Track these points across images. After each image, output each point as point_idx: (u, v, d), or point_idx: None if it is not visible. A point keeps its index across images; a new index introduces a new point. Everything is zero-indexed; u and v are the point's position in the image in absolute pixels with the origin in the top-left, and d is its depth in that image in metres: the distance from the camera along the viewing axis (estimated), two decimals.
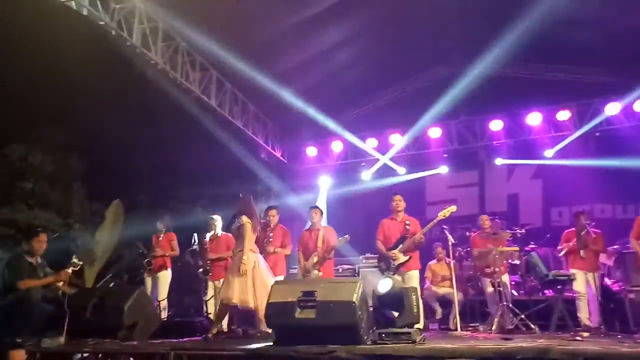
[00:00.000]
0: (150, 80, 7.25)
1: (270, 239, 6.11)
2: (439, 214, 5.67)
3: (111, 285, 7.36)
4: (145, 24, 6.48)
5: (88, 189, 9.58)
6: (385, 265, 5.57)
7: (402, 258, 5.53)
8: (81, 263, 5.37)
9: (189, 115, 8.23)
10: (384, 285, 3.93)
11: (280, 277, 5.86)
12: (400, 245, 5.59)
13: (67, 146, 9.30)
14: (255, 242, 5.96)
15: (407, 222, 5.73)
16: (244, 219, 5.08)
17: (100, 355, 4.40)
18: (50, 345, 4.31)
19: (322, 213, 6.25)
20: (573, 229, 6.17)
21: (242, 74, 7.90)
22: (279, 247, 6.14)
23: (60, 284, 5.04)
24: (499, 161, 9.45)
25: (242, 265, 4.83)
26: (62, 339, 4.44)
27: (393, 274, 5.18)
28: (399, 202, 5.90)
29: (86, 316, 4.65)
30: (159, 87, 7.40)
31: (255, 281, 4.86)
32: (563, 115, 8.82)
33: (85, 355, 4.56)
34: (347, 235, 5.94)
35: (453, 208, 5.69)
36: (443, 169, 9.80)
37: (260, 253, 5.84)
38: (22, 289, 4.67)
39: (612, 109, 8.37)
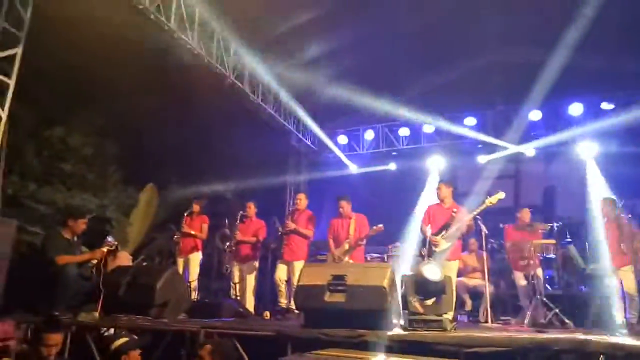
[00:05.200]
0: (186, 65, 7.33)
1: (292, 219, 6.27)
2: (486, 200, 5.50)
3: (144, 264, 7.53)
4: (183, 9, 6.55)
5: (123, 172, 9.77)
6: (427, 252, 5.48)
7: (444, 245, 5.40)
8: (116, 243, 5.49)
9: (222, 100, 8.29)
10: (433, 272, 3.87)
11: (301, 262, 5.91)
12: (444, 232, 5.48)
13: (104, 130, 9.50)
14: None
15: (455, 209, 5.60)
16: None
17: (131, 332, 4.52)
18: (86, 319, 4.45)
19: (349, 202, 6.20)
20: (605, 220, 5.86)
21: (276, 58, 7.92)
22: (303, 228, 6.17)
23: (95, 261, 5.18)
24: (530, 152, 9.14)
25: None
26: (96, 314, 4.58)
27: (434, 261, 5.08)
28: (439, 191, 5.84)
29: (119, 293, 4.76)
30: (194, 72, 7.48)
31: None
32: (606, 106, 8.44)
33: (118, 330, 4.70)
34: (380, 225, 5.89)
35: (501, 195, 5.51)
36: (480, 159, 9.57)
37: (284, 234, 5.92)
38: (59, 264, 4.81)
39: None
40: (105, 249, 5.15)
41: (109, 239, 5.31)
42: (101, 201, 9.05)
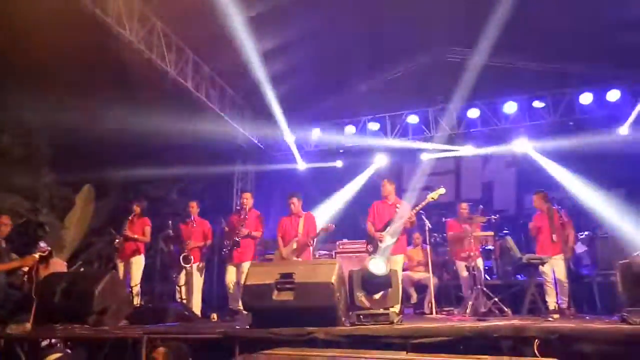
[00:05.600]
0: (125, 61, 7.02)
1: (243, 224, 6.11)
2: (428, 196, 5.70)
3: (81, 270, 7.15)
4: (121, 2, 6.27)
5: (57, 173, 9.24)
6: (373, 248, 5.56)
7: (389, 240, 5.52)
8: (49, 248, 5.16)
9: (164, 98, 8.02)
10: (378, 267, 3.93)
11: (249, 263, 5.83)
12: (388, 228, 5.59)
13: (36, 129, 8.94)
14: (229, 225, 5.97)
15: (398, 205, 5.75)
16: None
17: (68, 342, 4.27)
18: (16, 332, 4.15)
19: (300, 199, 6.21)
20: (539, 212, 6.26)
21: (219, 56, 7.76)
22: (253, 230, 6.12)
23: (26, 269, 4.85)
24: (469, 150, 9.58)
25: None
26: (28, 325, 4.28)
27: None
28: (383, 187, 5.96)
29: (54, 301, 4.48)
30: (133, 68, 7.18)
31: None
32: (538, 104, 8.95)
33: (53, 341, 4.42)
34: (331, 224, 5.92)
35: (442, 190, 5.72)
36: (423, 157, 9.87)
37: (234, 237, 5.84)
38: None
39: (586, 98, 8.56)
40: (36, 255, 4.83)
41: (42, 244, 5.00)
42: (33, 204, 8.52)
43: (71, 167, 9.17)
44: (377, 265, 4.06)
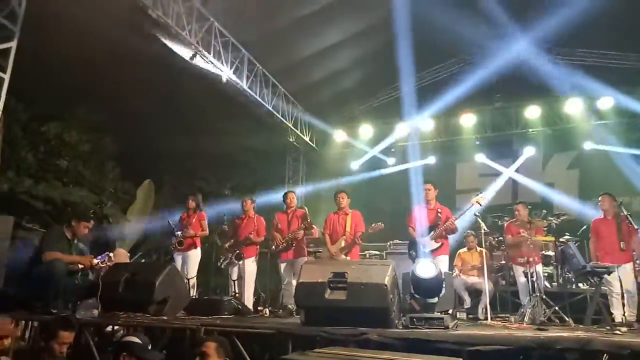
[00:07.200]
0: (184, 60, 7.26)
1: (304, 225, 6.17)
2: (472, 199, 5.61)
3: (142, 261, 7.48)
4: (180, 4, 6.50)
5: (120, 168, 9.73)
6: (416, 253, 5.49)
7: (433, 245, 5.46)
8: (112, 261, 5.24)
9: (219, 96, 8.24)
10: (427, 270, 3.85)
11: (304, 259, 5.91)
12: (432, 233, 5.54)
13: (102, 126, 9.44)
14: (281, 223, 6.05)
15: (439, 210, 5.70)
16: None
17: (131, 328, 4.48)
18: (84, 317, 4.40)
19: (349, 196, 6.18)
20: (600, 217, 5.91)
21: (272, 55, 7.88)
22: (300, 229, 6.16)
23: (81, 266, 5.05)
24: (530, 151, 9.20)
25: None
26: (95, 311, 4.53)
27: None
28: (428, 191, 5.87)
29: (118, 290, 4.71)
30: (191, 67, 7.41)
31: None
32: (604, 102, 8.44)
33: (116, 328, 4.66)
34: (380, 223, 5.86)
35: (484, 195, 5.65)
36: (478, 157, 9.57)
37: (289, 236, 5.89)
38: (47, 259, 4.72)
39: None
40: (95, 261, 5.00)
41: (106, 256, 5.14)
42: (99, 198, 9.00)
43: (133, 163, 9.63)
44: (425, 269, 3.97)
